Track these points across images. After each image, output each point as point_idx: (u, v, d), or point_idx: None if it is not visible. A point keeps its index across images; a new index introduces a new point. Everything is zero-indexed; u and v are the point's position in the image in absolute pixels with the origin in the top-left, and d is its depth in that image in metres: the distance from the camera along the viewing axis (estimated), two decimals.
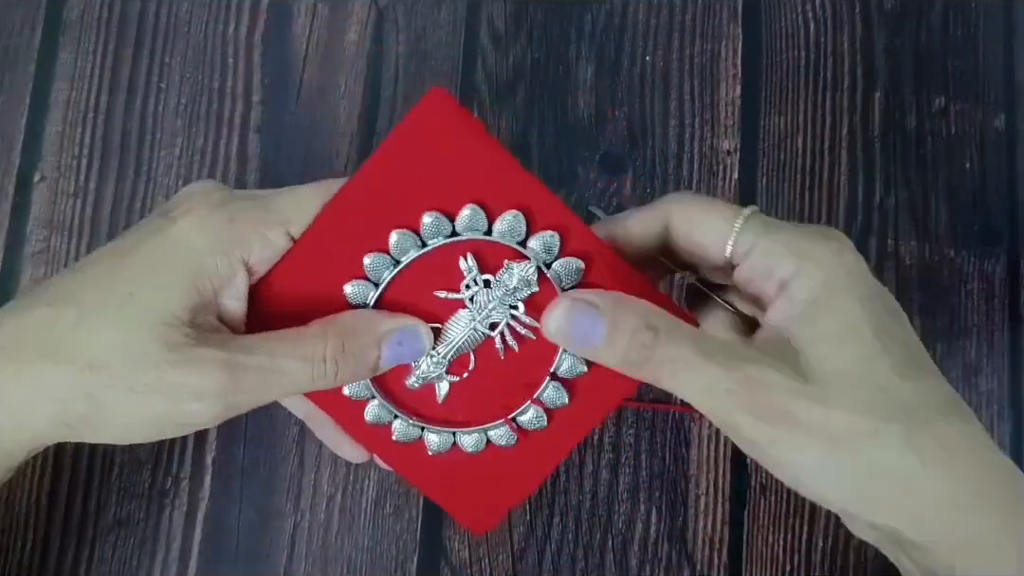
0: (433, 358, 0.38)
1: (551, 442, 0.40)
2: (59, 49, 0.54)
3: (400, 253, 0.37)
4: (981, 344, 0.52)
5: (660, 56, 0.54)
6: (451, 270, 0.38)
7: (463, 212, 0.37)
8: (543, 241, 0.37)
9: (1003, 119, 0.55)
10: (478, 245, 0.38)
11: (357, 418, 0.39)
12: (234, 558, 0.48)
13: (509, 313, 0.38)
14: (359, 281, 0.37)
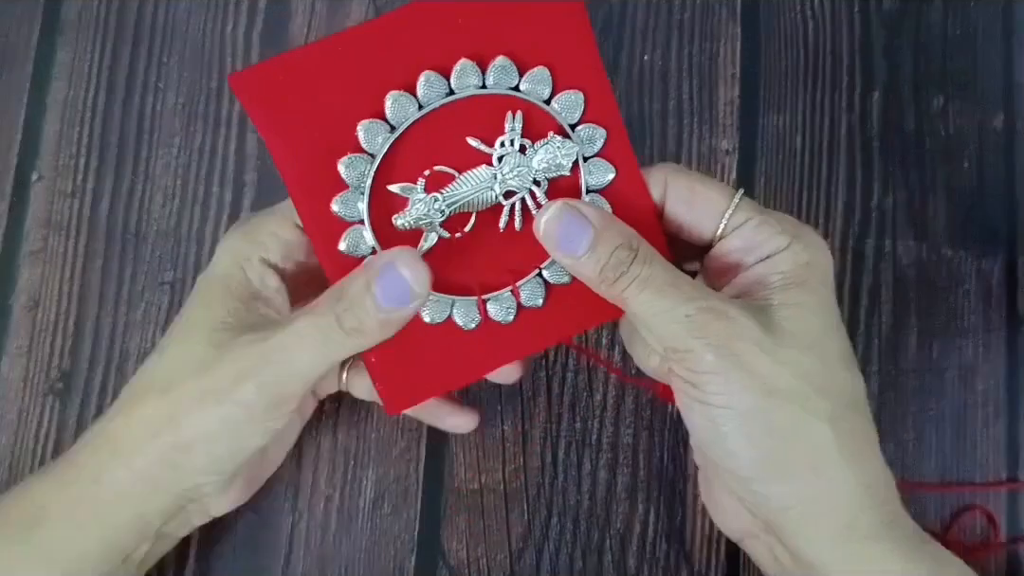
0: (435, 201, 0.36)
1: (508, 339, 0.38)
2: (57, 48, 0.53)
3: (429, 97, 0.36)
4: (978, 344, 0.52)
5: (658, 56, 0.54)
6: (485, 124, 0.37)
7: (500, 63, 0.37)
8: (590, 132, 0.37)
9: (1002, 119, 0.54)
10: (530, 106, 0.37)
11: (332, 242, 0.37)
12: (232, 558, 0.48)
13: (530, 187, 0.37)
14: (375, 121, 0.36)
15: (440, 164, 0.37)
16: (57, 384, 0.50)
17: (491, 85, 0.36)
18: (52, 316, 0.51)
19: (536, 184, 0.37)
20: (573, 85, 0.37)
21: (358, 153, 0.37)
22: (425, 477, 0.49)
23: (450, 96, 0.36)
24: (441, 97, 0.36)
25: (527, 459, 0.49)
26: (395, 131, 0.36)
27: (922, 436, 0.50)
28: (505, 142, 0.37)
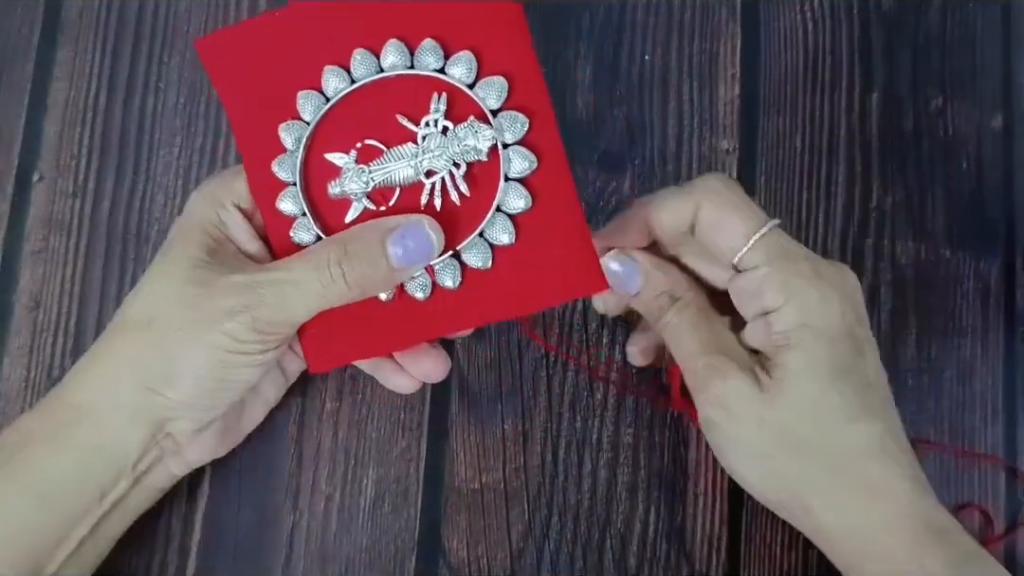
0: (362, 173, 0.39)
1: (422, 317, 0.40)
2: (58, 48, 0.53)
3: (360, 73, 0.39)
4: (976, 344, 0.52)
5: (659, 55, 0.53)
6: (415, 102, 0.39)
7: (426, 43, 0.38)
8: (512, 121, 0.38)
9: (1000, 119, 0.54)
10: (453, 89, 0.38)
11: (271, 198, 0.40)
12: (232, 556, 0.48)
13: (449, 168, 0.38)
14: (313, 92, 0.39)
15: (371, 138, 0.39)
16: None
17: (417, 66, 0.38)
18: (53, 316, 0.50)
19: (456, 166, 0.38)
20: (500, 71, 0.38)
21: (297, 120, 0.40)
22: (425, 476, 0.49)
23: (380, 74, 0.39)
24: (371, 74, 0.39)
25: (527, 458, 0.49)
26: (328, 102, 0.39)
27: (920, 436, 0.50)
28: (429, 122, 0.38)
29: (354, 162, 0.39)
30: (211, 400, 0.40)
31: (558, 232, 0.38)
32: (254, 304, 0.37)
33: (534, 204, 0.38)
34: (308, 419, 0.49)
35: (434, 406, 0.49)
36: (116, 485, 0.40)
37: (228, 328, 0.37)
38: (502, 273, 0.39)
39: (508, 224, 0.39)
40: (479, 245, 0.39)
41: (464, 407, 0.49)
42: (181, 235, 0.41)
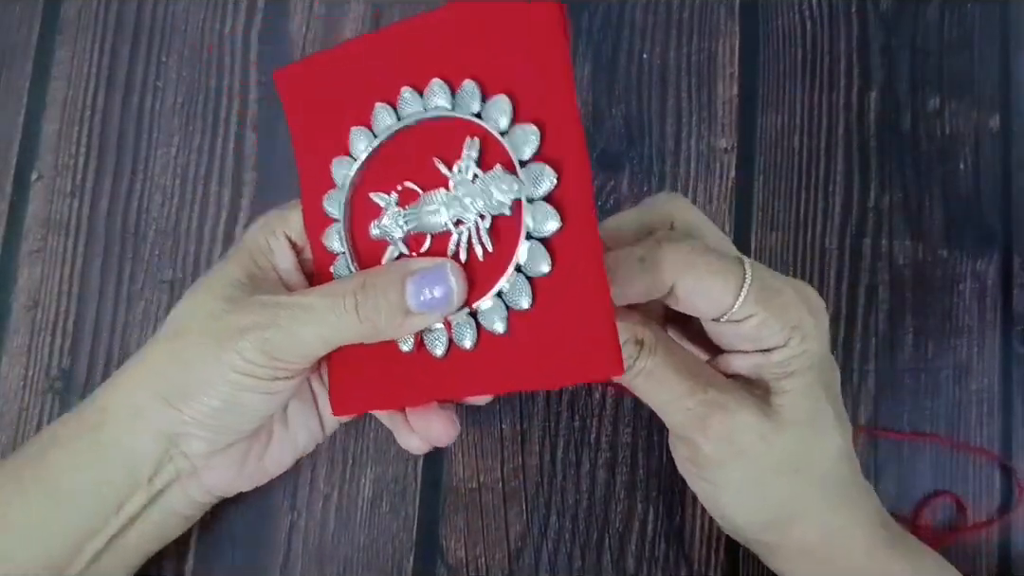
0: (399, 217, 0.38)
1: (438, 375, 0.38)
2: (56, 48, 0.53)
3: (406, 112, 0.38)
4: (972, 344, 0.52)
5: (657, 54, 0.53)
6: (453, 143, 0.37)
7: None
8: (539, 173, 0.34)
9: (998, 120, 0.55)
10: (487, 134, 0.36)
11: (319, 231, 0.41)
12: (231, 556, 0.48)
13: (475, 220, 0.36)
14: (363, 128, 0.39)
15: (412, 178, 0.38)
16: (57, 383, 0.50)
17: (457, 108, 0.36)
18: (52, 315, 0.51)
19: (481, 218, 0.36)
20: (534, 115, 0.35)
21: (348, 156, 0.39)
22: (423, 476, 0.49)
23: (423, 114, 0.38)
24: (417, 113, 0.38)
25: (526, 458, 0.49)
26: (376, 139, 0.39)
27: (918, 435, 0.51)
28: (461, 168, 0.36)
29: (395, 204, 0.38)
30: (222, 422, 0.39)
31: (579, 302, 0.35)
32: (266, 324, 0.37)
33: (555, 266, 0.35)
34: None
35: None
36: (132, 496, 0.40)
37: (240, 347, 0.37)
38: (519, 339, 0.36)
39: (527, 287, 0.35)
40: (497, 307, 0.36)
41: (462, 407, 0.48)
42: (230, 257, 0.41)
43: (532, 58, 0.35)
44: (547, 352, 0.35)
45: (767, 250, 0.52)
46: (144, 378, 0.40)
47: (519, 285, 0.35)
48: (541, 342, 0.35)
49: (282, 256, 0.42)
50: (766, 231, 0.52)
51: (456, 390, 0.38)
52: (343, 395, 0.40)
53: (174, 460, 0.40)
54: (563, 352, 0.34)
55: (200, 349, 0.38)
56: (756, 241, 0.52)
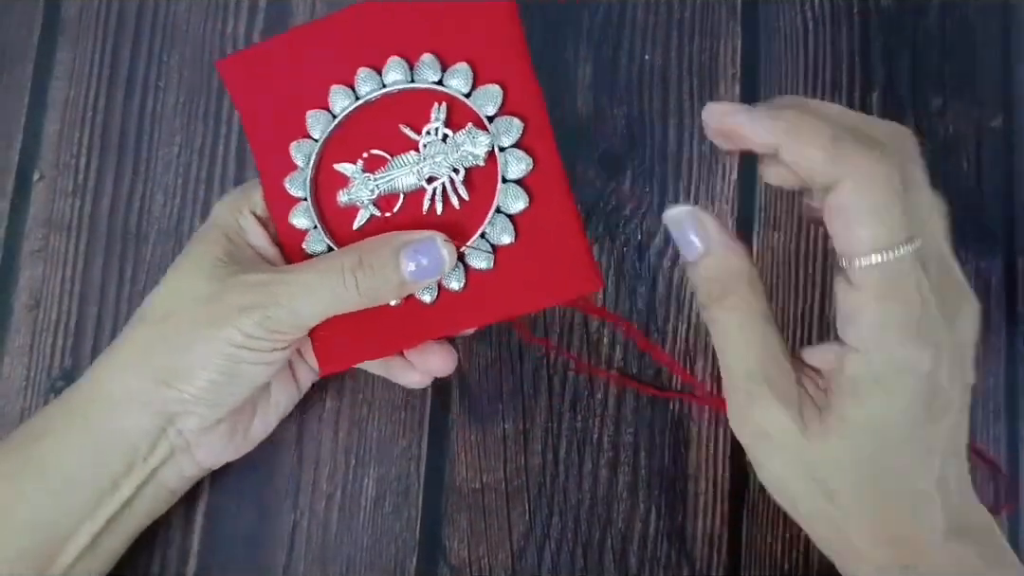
0: (368, 182, 0.40)
1: (428, 318, 0.41)
2: (57, 48, 0.54)
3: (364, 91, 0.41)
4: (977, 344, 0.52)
5: (659, 55, 0.54)
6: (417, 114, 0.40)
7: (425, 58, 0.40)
8: (507, 125, 0.39)
9: (1001, 120, 0.54)
10: (451, 99, 0.40)
11: (285, 213, 0.42)
12: (233, 556, 0.48)
13: (449, 174, 0.40)
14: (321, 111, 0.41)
15: (377, 148, 0.41)
16: (59, 383, 0.50)
17: (417, 80, 0.40)
18: (53, 315, 0.51)
19: (455, 172, 0.40)
20: (495, 78, 0.39)
21: (306, 138, 0.42)
22: (426, 476, 0.49)
23: (382, 90, 0.40)
24: (375, 91, 0.41)
25: (528, 458, 0.49)
26: (335, 120, 0.41)
27: None
28: (430, 131, 0.40)
29: (361, 171, 0.41)
30: (220, 396, 0.41)
31: (555, 231, 0.39)
32: (266, 303, 0.39)
33: (532, 203, 0.39)
34: (309, 418, 0.49)
35: (435, 406, 0.50)
36: (128, 476, 0.41)
37: (240, 324, 0.39)
38: (504, 272, 0.40)
39: (508, 224, 0.39)
40: (481, 246, 0.40)
41: (465, 407, 0.50)
42: (202, 237, 0.43)
43: (483, 26, 0.39)
44: (531, 279, 0.39)
45: (770, 251, 0.52)
46: (134, 361, 0.41)
47: (500, 223, 0.39)
48: (525, 270, 0.39)
49: (254, 233, 0.43)
50: (769, 232, 0.52)
51: (447, 328, 0.41)
52: (330, 352, 0.42)
53: (169, 438, 0.41)
54: (545, 275, 0.39)
55: (194, 329, 0.40)
56: (759, 242, 0.52)
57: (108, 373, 0.41)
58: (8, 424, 0.50)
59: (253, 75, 0.42)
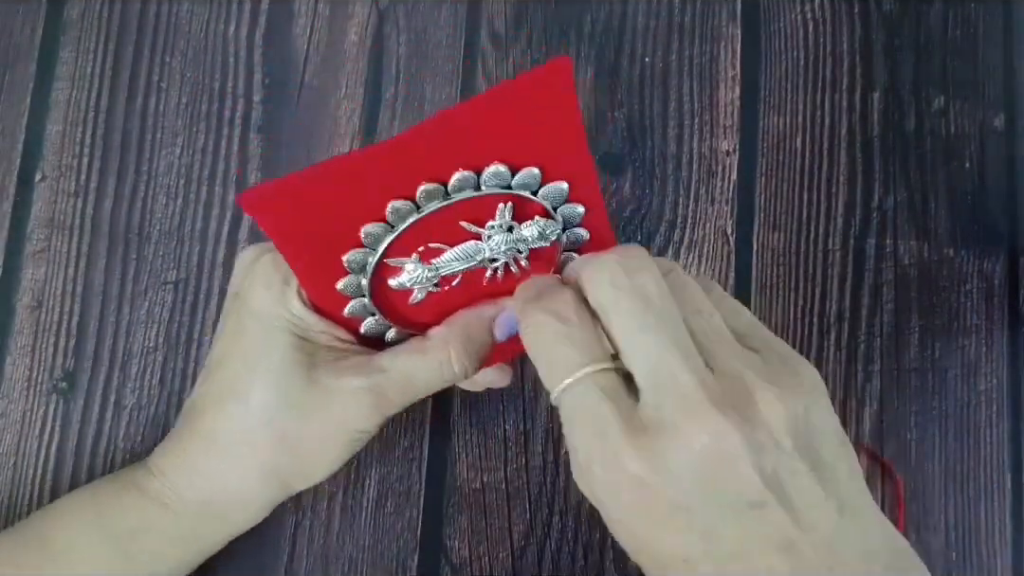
0: (429, 271, 0.39)
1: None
2: (60, 48, 0.54)
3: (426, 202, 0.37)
4: (980, 344, 0.53)
5: (659, 57, 0.54)
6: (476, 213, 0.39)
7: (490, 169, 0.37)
8: (571, 211, 0.40)
9: (1003, 118, 0.55)
10: (519, 199, 0.39)
11: (337, 310, 0.41)
12: (235, 556, 0.48)
13: (513, 255, 0.40)
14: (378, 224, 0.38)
15: (433, 242, 0.39)
16: (61, 383, 0.50)
17: (485, 188, 0.37)
18: (56, 316, 0.51)
19: (519, 252, 0.40)
20: (560, 175, 0.38)
21: (360, 248, 0.38)
22: (428, 476, 0.50)
23: (447, 199, 0.37)
24: (439, 201, 0.37)
25: (529, 458, 0.50)
26: (394, 230, 0.38)
27: (925, 435, 0.51)
28: (494, 224, 0.39)
29: (417, 262, 0.39)
30: (337, 466, 0.43)
31: None
32: (382, 406, 0.40)
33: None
34: None
35: (436, 407, 0.50)
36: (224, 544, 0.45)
37: (361, 427, 0.41)
38: None
39: None
40: None
41: (466, 408, 0.50)
42: (266, 336, 0.40)
43: (547, 130, 0.37)
44: None
45: (769, 251, 0.52)
46: (258, 481, 0.42)
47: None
48: None
49: (319, 321, 0.41)
50: (768, 232, 0.53)
51: (503, 358, 0.44)
52: None
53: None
54: None
55: (319, 442, 0.41)
56: (758, 243, 0.52)
57: (224, 490, 0.42)
58: (10, 425, 0.50)
59: (282, 204, 0.37)
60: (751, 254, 0.52)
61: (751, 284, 0.52)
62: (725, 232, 0.52)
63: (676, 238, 0.52)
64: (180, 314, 0.51)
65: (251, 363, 0.40)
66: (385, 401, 0.40)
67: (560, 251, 0.41)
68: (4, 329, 0.51)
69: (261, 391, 0.40)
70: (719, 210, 0.53)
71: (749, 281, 0.52)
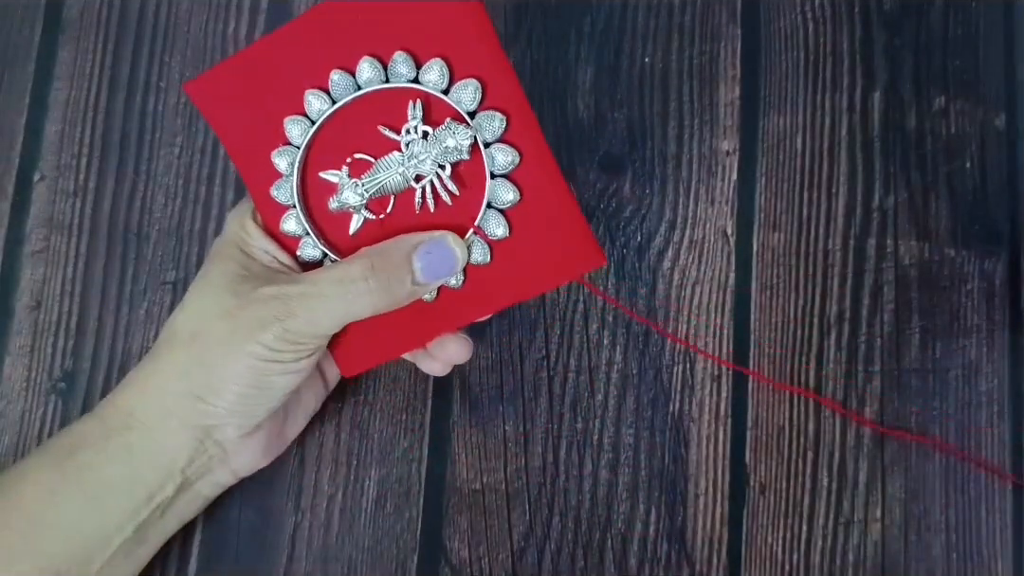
0: (356, 187, 0.41)
1: (434, 313, 0.43)
2: (58, 48, 0.54)
3: (340, 94, 0.41)
4: (981, 344, 0.53)
5: (659, 57, 0.54)
6: (395, 113, 0.41)
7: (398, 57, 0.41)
8: (489, 120, 0.40)
9: (1003, 118, 0.55)
10: (428, 96, 0.41)
11: (276, 219, 0.43)
12: (234, 558, 0.49)
13: (436, 171, 0.41)
14: (298, 116, 0.42)
15: (360, 152, 0.42)
16: (60, 384, 0.51)
17: (392, 79, 0.41)
18: (54, 316, 0.52)
19: (441, 168, 0.41)
20: (472, 74, 0.40)
21: (287, 145, 0.42)
22: (427, 477, 0.50)
23: (358, 92, 0.41)
24: (350, 93, 0.41)
25: (528, 459, 0.50)
26: (313, 125, 0.42)
27: (926, 436, 0.51)
28: (409, 129, 0.41)
29: (347, 176, 0.42)
30: (253, 406, 0.43)
31: (551, 218, 0.41)
32: (284, 316, 0.40)
33: (523, 197, 0.41)
34: (311, 420, 0.50)
35: (436, 407, 0.51)
36: (165, 488, 0.43)
37: (262, 339, 0.40)
38: (502, 265, 0.42)
39: (500, 218, 0.41)
40: (476, 242, 0.41)
41: (465, 408, 0.51)
42: (218, 253, 0.44)
43: (454, 23, 0.40)
44: (531, 265, 0.41)
45: (769, 251, 0.53)
46: (169, 381, 0.42)
47: (492, 218, 0.41)
48: (523, 260, 0.41)
49: (260, 241, 0.44)
50: (768, 232, 0.53)
51: (453, 324, 0.43)
52: (349, 357, 0.44)
53: (207, 450, 0.43)
54: (546, 260, 0.41)
55: (222, 347, 0.41)
56: (759, 243, 0.53)
57: (143, 394, 0.43)
58: (9, 425, 0.50)
59: (223, 91, 0.43)
60: (751, 254, 0.52)
61: (751, 284, 0.52)
62: (725, 232, 0.53)
63: (676, 238, 0.53)
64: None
65: (199, 276, 0.44)
66: (287, 312, 0.40)
67: (488, 174, 0.41)
68: (3, 329, 0.52)
69: (195, 298, 0.43)
70: (719, 210, 0.53)
71: (749, 281, 0.52)
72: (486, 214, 0.41)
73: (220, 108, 0.43)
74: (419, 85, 0.41)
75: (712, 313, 0.52)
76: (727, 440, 0.50)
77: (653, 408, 0.51)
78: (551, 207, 0.41)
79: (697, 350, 0.51)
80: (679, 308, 0.52)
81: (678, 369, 0.51)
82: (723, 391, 0.51)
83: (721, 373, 0.51)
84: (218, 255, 0.44)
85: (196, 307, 0.43)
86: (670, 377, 0.51)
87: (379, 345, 0.44)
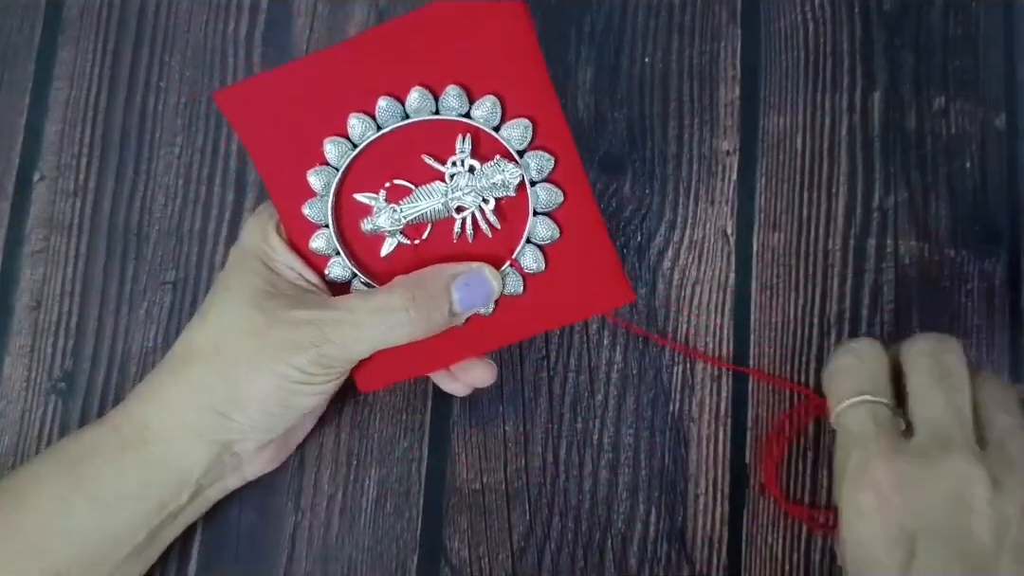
0: (394, 212, 0.41)
1: (461, 337, 0.43)
2: (58, 48, 0.54)
3: (386, 120, 0.41)
4: (981, 344, 0.53)
5: (659, 57, 0.55)
6: (440, 144, 0.42)
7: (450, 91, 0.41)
8: (538, 160, 0.41)
9: (1004, 118, 0.55)
10: (478, 131, 0.41)
11: (305, 239, 0.43)
12: (234, 558, 0.49)
13: (479, 204, 0.41)
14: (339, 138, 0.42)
15: (398, 178, 0.42)
16: (60, 384, 0.51)
17: (442, 111, 0.41)
18: (54, 316, 0.52)
19: (484, 202, 0.41)
20: (524, 112, 0.41)
21: (324, 165, 0.42)
22: (427, 477, 0.50)
23: (405, 120, 0.41)
24: (396, 120, 0.41)
25: (528, 459, 0.50)
26: (356, 148, 0.41)
27: None
28: (456, 161, 0.41)
29: (384, 201, 0.42)
30: (275, 423, 0.43)
31: (586, 256, 0.42)
32: (320, 342, 0.40)
33: (562, 235, 0.42)
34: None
35: (436, 407, 0.51)
36: (177, 498, 0.43)
37: (294, 362, 0.40)
38: (533, 296, 0.43)
39: (538, 253, 0.42)
40: (511, 273, 0.42)
41: (465, 408, 0.51)
42: (240, 266, 0.43)
43: (508, 59, 0.40)
44: (560, 298, 0.42)
45: (769, 251, 0.53)
46: (188, 395, 0.42)
47: (530, 253, 0.42)
48: (556, 292, 0.42)
49: (288, 257, 0.43)
50: (768, 232, 0.53)
51: (480, 349, 0.44)
52: (367, 373, 0.44)
53: (224, 461, 0.44)
54: (578, 294, 0.42)
55: (249, 365, 0.41)
56: (759, 243, 0.53)
57: (160, 406, 0.43)
58: (9, 426, 0.50)
59: (258, 104, 0.42)
60: (751, 254, 0.53)
61: (751, 284, 0.52)
62: (725, 232, 0.53)
63: (676, 238, 0.53)
64: (179, 314, 0.52)
65: (219, 287, 0.43)
66: (323, 339, 0.40)
67: (531, 211, 0.41)
68: (3, 329, 0.52)
69: (217, 311, 0.42)
70: (719, 210, 0.53)
71: (749, 281, 0.52)
72: (524, 248, 0.42)
73: (252, 120, 0.42)
74: (470, 120, 0.41)
75: (712, 313, 0.52)
76: (727, 440, 0.51)
77: (653, 408, 0.51)
78: (588, 246, 0.42)
79: (696, 354, 0.51)
80: (679, 308, 0.52)
81: (678, 369, 0.52)
82: (723, 391, 0.51)
83: (721, 373, 0.51)
84: (239, 267, 0.43)
85: (218, 321, 0.42)
86: (670, 377, 0.51)
87: (402, 365, 0.44)
